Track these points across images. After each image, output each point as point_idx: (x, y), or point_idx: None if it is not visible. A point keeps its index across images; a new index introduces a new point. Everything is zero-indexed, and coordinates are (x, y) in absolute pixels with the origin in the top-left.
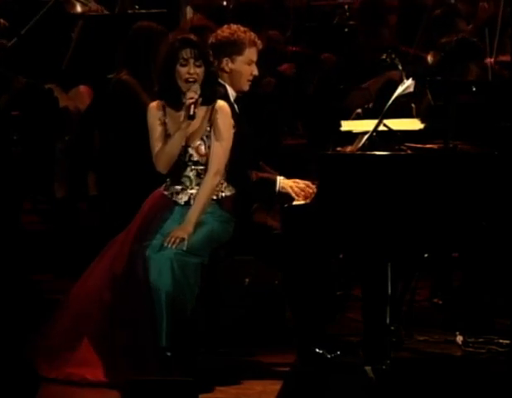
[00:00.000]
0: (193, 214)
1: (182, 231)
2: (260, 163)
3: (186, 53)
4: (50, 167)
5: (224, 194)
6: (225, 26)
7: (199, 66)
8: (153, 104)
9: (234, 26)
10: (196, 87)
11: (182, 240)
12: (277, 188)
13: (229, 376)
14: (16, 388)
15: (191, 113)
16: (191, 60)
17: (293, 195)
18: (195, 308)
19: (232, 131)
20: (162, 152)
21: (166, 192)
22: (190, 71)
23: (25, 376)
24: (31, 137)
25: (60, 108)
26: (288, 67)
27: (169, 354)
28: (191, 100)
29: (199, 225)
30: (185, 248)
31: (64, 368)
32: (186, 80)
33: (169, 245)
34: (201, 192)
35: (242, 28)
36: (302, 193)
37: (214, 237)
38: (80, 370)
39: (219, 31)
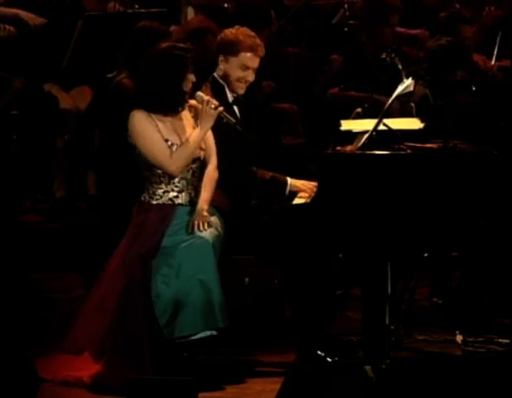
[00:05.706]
0: (203, 202)
1: (200, 217)
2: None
3: None
4: (49, 166)
5: None
6: (236, 27)
7: None
8: (139, 112)
9: (240, 29)
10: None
11: (208, 219)
12: (288, 188)
13: (229, 375)
14: (16, 388)
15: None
16: None
17: (301, 192)
18: None
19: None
20: (183, 153)
21: (161, 201)
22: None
23: (25, 376)
24: (31, 136)
25: (59, 107)
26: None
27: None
28: (221, 109)
29: None
30: (213, 226)
31: (61, 371)
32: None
33: (200, 228)
34: (207, 181)
35: (247, 32)
36: (309, 191)
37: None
38: (77, 373)
39: (225, 31)
